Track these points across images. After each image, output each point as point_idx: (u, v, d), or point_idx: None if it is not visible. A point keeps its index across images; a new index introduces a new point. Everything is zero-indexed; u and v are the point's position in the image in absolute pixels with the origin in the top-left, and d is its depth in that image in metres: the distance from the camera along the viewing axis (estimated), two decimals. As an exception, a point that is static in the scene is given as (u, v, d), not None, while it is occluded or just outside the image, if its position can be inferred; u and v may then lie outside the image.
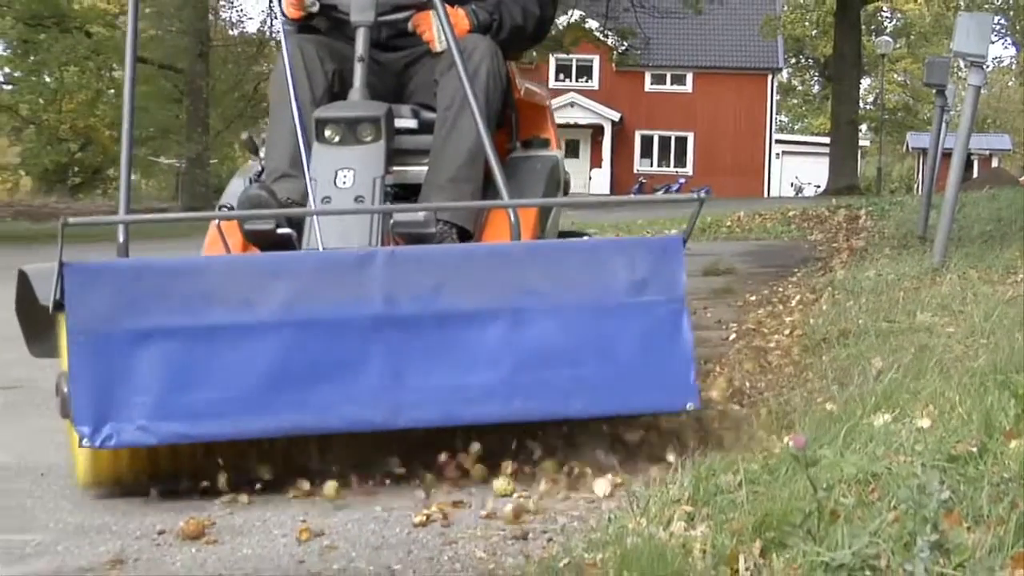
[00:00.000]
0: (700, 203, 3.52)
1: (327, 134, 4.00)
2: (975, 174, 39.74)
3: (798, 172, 50.18)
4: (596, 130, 47.45)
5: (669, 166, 48.34)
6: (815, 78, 65.68)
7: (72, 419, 3.28)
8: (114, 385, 3.26)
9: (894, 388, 4.03)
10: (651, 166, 48.27)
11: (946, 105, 11.34)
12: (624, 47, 39.89)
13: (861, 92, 43.19)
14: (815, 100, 65.10)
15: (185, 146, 33.34)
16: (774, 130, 49.91)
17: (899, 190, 46.37)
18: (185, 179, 35.35)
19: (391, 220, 3.91)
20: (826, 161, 35.27)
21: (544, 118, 5.02)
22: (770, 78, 48.47)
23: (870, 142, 54.83)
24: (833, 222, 16.55)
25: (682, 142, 48.49)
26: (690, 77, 48.02)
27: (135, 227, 3.90)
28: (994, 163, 49.66)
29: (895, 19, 60.51)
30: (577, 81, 47.55)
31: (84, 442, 3.26)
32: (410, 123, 4.34)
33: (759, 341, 6.00)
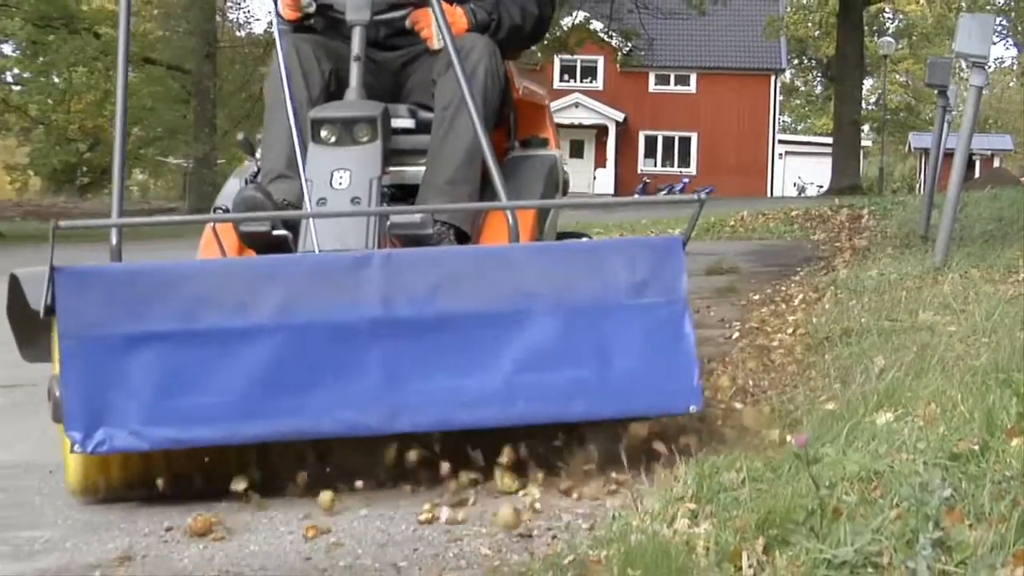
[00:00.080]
0: (700, 204, 3.50)
1: (323, 134, 3.96)
2: (977, 174, 39.70)
3: (801, 172, 50.14)
4: (600, 130, 47.43)
5: (673, 166, 48.31)
6: (818, 79, 65.62)
7: (64, 424, 3.24)
8: (106, 390, 3.22)
9: (896, 386, 4.03)
10: (655, 166, 48.24)
11: (948, 105, 11.34)
12: (628, 48, 39.88)
13: (863, 93, 43.12)
14: (818, 100, 65.03)
15: (192, 146, 33.41)
16: (777, 130, 49.86)
17: (901, 190, 46.38)
18: (192, 179, 35.48)
19: (388, 221, 3.88)
20: (829, 161, 35.23)
21: (543, 117, 4.99)
22: (773, 79, 48.41)
23: (872, 142, 54.75)
24: (836, 222, 16.53)
25: (686, 142, 48.46)
26: (694, 78, 47.99)
27: (136, 228, 3.86)
28: (996, 163, 49.59)
29: (897, 20, 60.45)
30: (581, 82, 47.54)
31: (76, 447, 3.22)
32: (407, 123, 4.31)
33: (762, 340, 6.00)
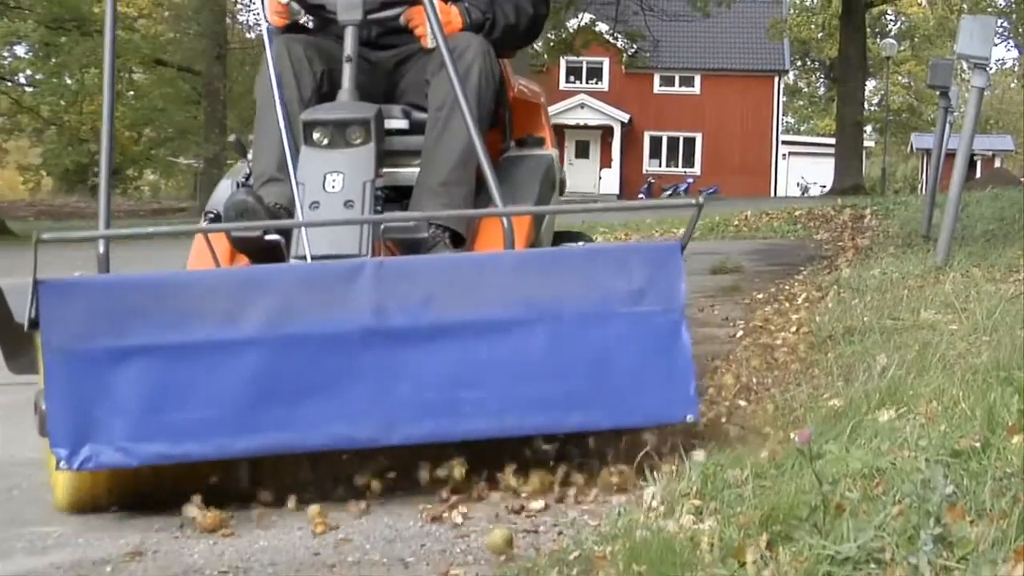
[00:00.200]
0: (699, 208, 3.41)
1: (315, 137, 3.87)
2: (978, 174, 39.63)
3: (804, 172, 50.10)
4: (606, 131, 47.45)
5: (677, 166, 48.34)
6: (821, 80, 65.56)
7: (49, 441, 3.19)
8: (92, 405, 3.15)
9: (898, 384, 4.04)
10: (660, 166, 48.24)
11: (950, 106, 11.35)
12: (633, 50, 39.90)
13: (866, 94, 43.19)
14: (821, 102, 64.94)
15: (203, 147, 33.49)
16: (780, 131, 49.87)
17: (903, 190, 46.35)
18: (203, 179, 35.54)
19: (382, 225, 3.80)
20: (831, 161, 35.22)
21: (538, 116, 4.91)
22: (777, 80, 48.41)
23: (875, 143, 54.65)
24: (838, 221, 16.53)
25: (690, 143, 48.47)
26: (698, 79, 48.00)
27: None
28: (997, 163, 49.53)
29: (900, 22, 60.43)
30: (587, 83, 47.56)
31: (61, 464, 3.16)
32: (401, 124, 4.22)
33: (766, 338, 6.01)
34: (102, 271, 3.54)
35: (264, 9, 4.35)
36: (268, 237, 3.82)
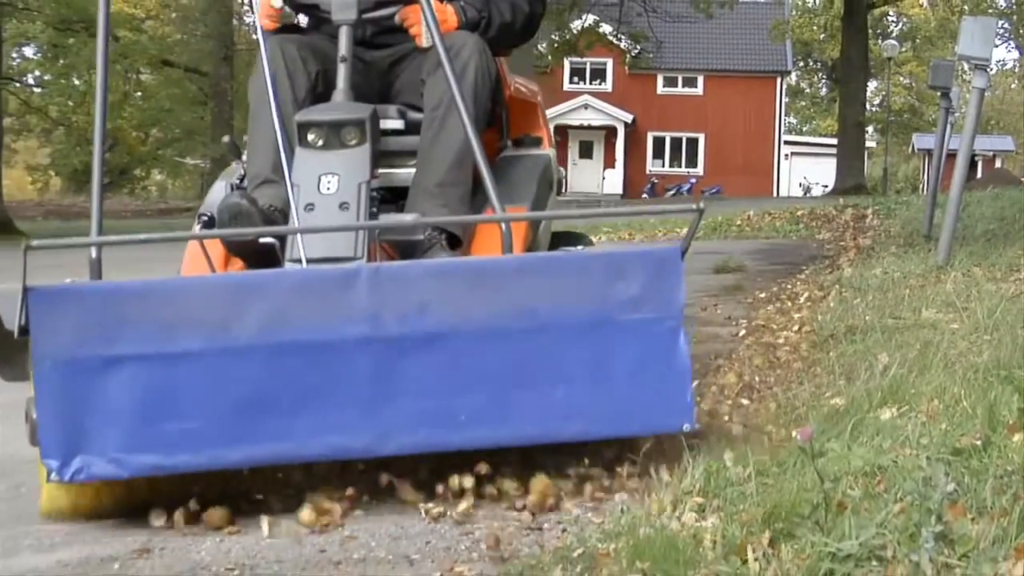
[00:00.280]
0: (699, 213, 3.32)
1: (310, 138, 3.80)
2: (979, 174, 39.60)
3: (806, 172, 50.10)
4: (609, 131, 47.43)
5: (681, 167, 48.35)
6: (823, 81, 65.58)
7: (39, 452, 3.13)
8: (83, 416, 3.08)
9: (900, 383, 4.06)
10: (663, 167, 48.25)
11: (951, 107, 11.38)
12: (637, 50, 39.85)
13: (868, 94, 43.17)
14: (823, 102, 64.96)
15: (210, 147, 33.52)
16: (783, 131, 49.90)
17: (905, 190, 46.33)
18: (209, 179, 35.61)
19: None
20: (833, 162, 35.26)
21: (535, 116, 4.86)
22: (779, 81, 48.43)
23: (876, 143, 54.61)
24: (840, 221, 16.53)
25: (693, 143, 48.48)
26: (701, 80, 48.02)
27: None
28: (997, 164, 49.49)
29: (901, 23, 60.50)
30: (591, 83, 47.56)
31: (52, 476, 3.09)
32: (396, 124, 4.17)
33: (768, 337, 6.02)
34: (94, 277, 3.47)
35: (255, 12, 4.32)
36: (263, 240, 3.78)
